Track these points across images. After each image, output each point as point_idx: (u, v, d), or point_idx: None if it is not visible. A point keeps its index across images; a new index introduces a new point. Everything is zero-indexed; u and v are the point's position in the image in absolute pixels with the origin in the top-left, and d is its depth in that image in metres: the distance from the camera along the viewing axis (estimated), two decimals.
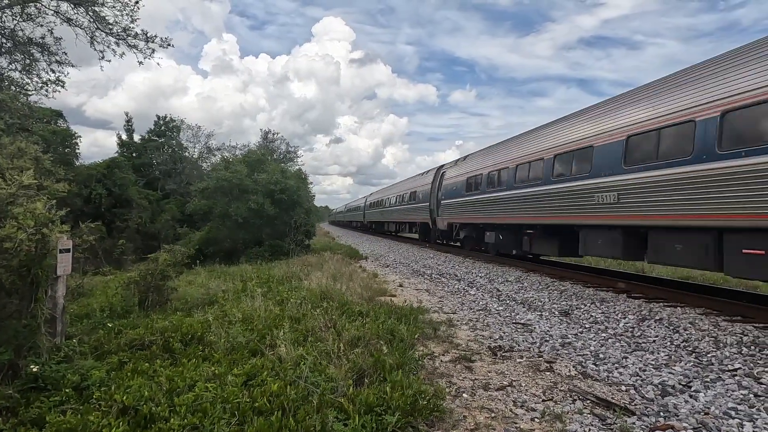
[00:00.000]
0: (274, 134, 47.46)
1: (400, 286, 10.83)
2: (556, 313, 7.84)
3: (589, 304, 8.43)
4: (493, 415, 3.74)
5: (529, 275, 12.51)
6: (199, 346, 5.04)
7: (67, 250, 4.91)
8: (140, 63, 14.60)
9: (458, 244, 21.37)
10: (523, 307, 8.29)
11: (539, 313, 7.78)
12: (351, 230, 57.08)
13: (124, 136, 42.69)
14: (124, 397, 3.46)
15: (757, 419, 3.66)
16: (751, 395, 4.17)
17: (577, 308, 8.17)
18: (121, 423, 3.20)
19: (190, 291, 8.75)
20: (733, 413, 3.78)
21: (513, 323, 7.08)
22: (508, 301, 8.86)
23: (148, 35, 14.24)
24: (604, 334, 6.41)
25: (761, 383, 4.47)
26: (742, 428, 3.53)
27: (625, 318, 7.36)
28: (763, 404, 3.96)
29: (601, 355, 5.42)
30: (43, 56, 13.95)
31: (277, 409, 3.36)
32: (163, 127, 43.53)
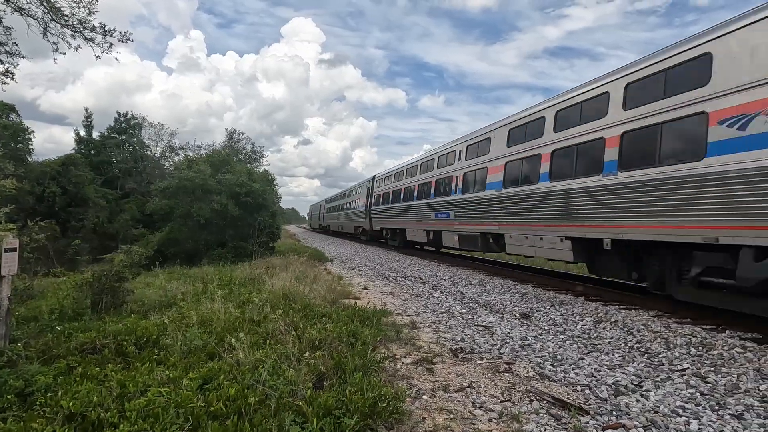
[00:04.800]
0: (239, 134, 46.96)
1: (365, 288, 10.81)
2: (517, 315, 7.99)
3: (548, 307, 8.63)
4: (452, 416, 3.76)
5: (492, 278, 12.71)
6: (154, 349, 4.89)
7: (14, 250, 4.68)
8: (97, 57, 13.93)
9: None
10: (486, 310, 8.41)
11: (501, 316, 7.90)
12: (313, 232, 56.69)
13: (82, 133, 41.19)
14: (71, 403, 3.30)
15: (702, 417, 3.82)
16: (698, 394, 4.35)
17: (537, 311, 8.35)
18: (66, 430, 3.06)
19: (148, 293, 8.48)
20: (680, 411, 3.93)
21: (475, 325, 7.16)
22: (471, 304, 8.97)
23: (106, 28, 13.63)
24: (562, 336, 6.57)
25: (707, 382, 4.67)
26: (689, 426, 3.67)
27: (582, 320, 7.57)
28: (708, 402, 4.13)
29: (558, 357, 5.55)
30: None
31: (234, 414, 3.28)
32: (123, 124, 42.24)
